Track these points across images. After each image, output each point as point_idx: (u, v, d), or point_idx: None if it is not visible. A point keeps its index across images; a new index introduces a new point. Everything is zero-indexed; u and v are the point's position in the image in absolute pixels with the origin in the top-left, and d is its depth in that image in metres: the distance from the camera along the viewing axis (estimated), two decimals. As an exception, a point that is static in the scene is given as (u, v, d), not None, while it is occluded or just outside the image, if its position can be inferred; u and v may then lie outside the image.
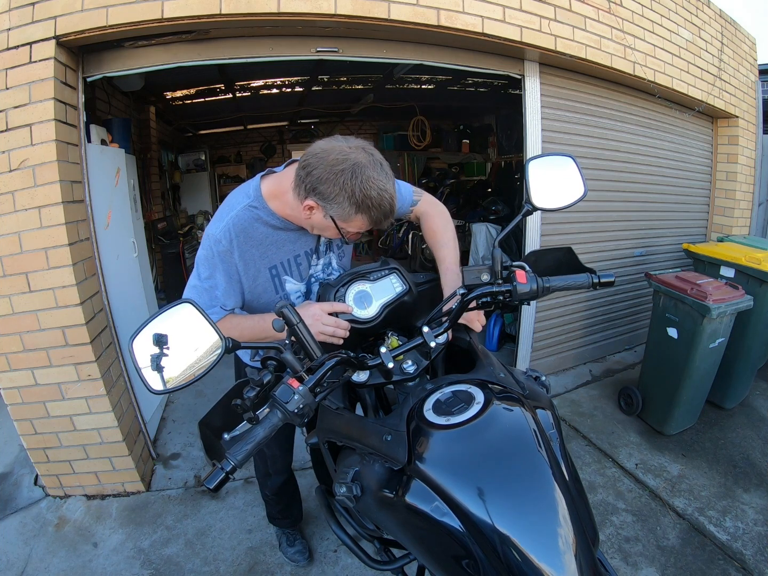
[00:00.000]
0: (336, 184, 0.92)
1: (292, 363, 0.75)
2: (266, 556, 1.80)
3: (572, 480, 0.75)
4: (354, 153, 0.92)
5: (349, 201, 0.92)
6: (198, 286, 1.09)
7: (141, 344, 0.63)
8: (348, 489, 0.83)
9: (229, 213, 1.07)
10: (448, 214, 1.32)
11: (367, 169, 0.92)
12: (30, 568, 1.76)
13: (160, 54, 1.93)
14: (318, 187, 0.94)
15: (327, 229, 1.03)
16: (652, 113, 3.25)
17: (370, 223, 0.98)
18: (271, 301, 1.16)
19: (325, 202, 0.94)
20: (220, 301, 1.09)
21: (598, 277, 0.90)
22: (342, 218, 0.97)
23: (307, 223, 1.06)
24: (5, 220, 1.70)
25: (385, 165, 0.96)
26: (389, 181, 0.95)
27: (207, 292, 1.09)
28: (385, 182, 0.94)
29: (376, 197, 0.92)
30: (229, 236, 1.05)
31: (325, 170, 0.92)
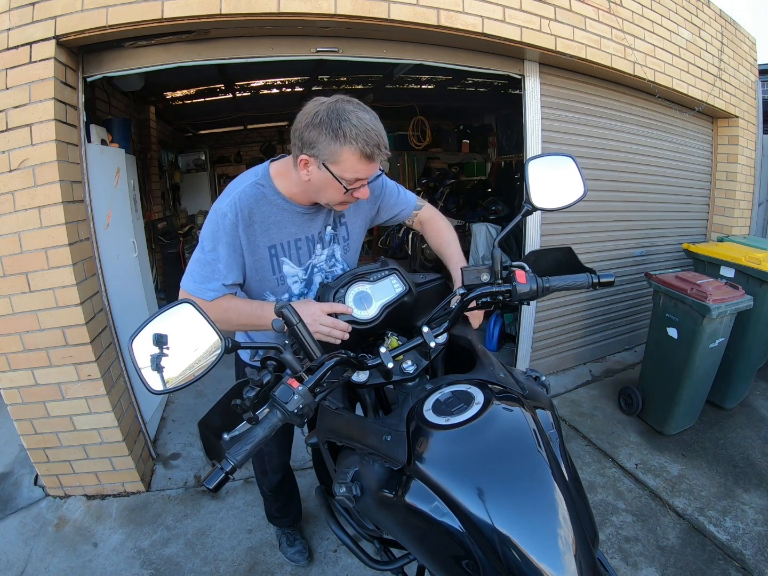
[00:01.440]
0: (316, 126, 0.94)
1: (292, 363, 0.75)
2: (266, 556, 1.80)
3: (572, 480, 0.75)
4: (329, 99, 0.96)
5: (332, 136, 0.93)
6: (201, 259, 1.10)
7: (141, 344, 0.63)
8: (348, 489, 0.83)
9: (236, 189, 1.08)
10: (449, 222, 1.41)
11: (343, 104, 0.94)
12: (30, 568, 1.76)
13: (160, 54, 1.93)
14: (304, 137, 0.96)
15: (327, 185, 1.01)
16: (652, 113, 3.25)
17: (360, 155, 0.95)
18: (267, 280, 1.16)
19: (313, 149, 0.95)
20: (221, 274, 1.09)
21: (597, 277, 0.90)
22: (332, 160, 0.96)
23: (312, 189, 1.06)
24: (5, 220, 1.70)
25: (363, 104, 0.98)
26: (370, 113, 0.96)
27: (209, 265, 1.09)
28: (364, 113, 0.95)
29: (357, 124, 0.92)
30: (235, 210, 1.06)
31: (305, 119, 0.95)
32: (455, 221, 5.57)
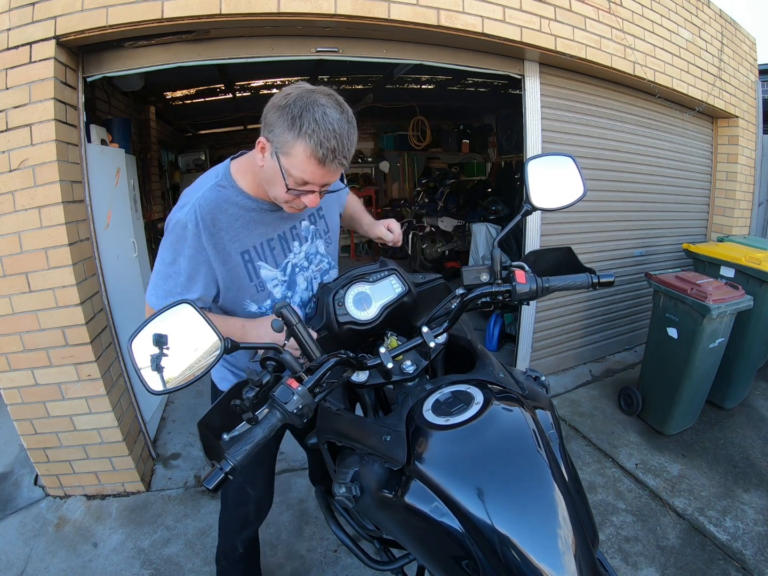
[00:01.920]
0: (279, 108, 0.86)
1: (291, 363, 0.75)
2: (266, 556, 1.79)
3: (572, 480, 0.76)
4: (308, 87, 0.88)
5: (290, 124, 0.84)
6: (161, 272, 1.01)
7: (140, 344, 0.63)
8: (347, 489, 0.83)
9: (195, 194, 0.99)
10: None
11: (319, 95, 0.85)
12: (30, 568, 1.76)
13: (160, 54, 1.93)
14: (267, 117, 0.88)
15: (276, 178, 0.92)
16: (652, 113, 3.25)
17: (311, 155, 0.85)
18: (245, 288, 1.06)
19: (270, 131, 0.88)
20: (180, 288, 1.00)
21: (597, 277, 0.90)
22: (284, 149, 0.87)
23: (264, 178, 0.97)
24: (5, 220, 1.70)
25: (341, 100, 0.89)
26: (344, 114, 0.86)
27: (171, 278, 1.00)
28: (336, 112, 0.85)
29: (319, 120, 0.83)
30: (195, 219, 0.96)
31: (274, 100, 0.88)
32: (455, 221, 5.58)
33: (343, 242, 7.48)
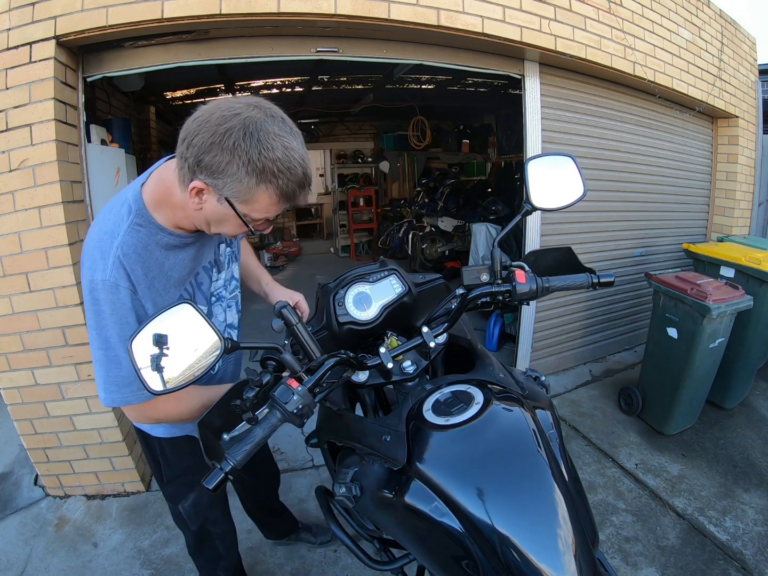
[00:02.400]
0: (226, 149, 0.69)
1: (292, 363, 0.75)
2: (266, 556, 1.80)
3: (572, 480, 0.76)
4: (245, 108, 0.71)
5: (247, 169, 0.70)
6: (115, 359, 0.81)
7: (140, 344, 0.63)
8: (347, 489, 0.83)
9: (111, 243, 0.79)
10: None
11: (265, 123, 0.71)
12: (30, 568, 1.76)
13: (160, 54, 1.93)
14: (203, 159, 0.71)
15: (225, 221, 0.79)
16: (652, 113, 3.25)
17: (279, 198, 0.75)
18: None
19: (215, 178, 0.72)
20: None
21: (597, 277, 0.90)
22: (241, 197, 0.74)
23: (200, 218, 0.82)
24: (5, 220, 1.70)
25: (289, 121, 0.76)
26: (296, 139, 0.74)
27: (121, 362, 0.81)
28: (291, 139, 0.73)
29: (282, 158, 0.71)
30: (125, 273, 0.79)
31: (209, 133, 0.70)
32: (455, 221, 5.58)
33: (343, 242, 7.50)
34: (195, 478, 1.15)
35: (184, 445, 1.13)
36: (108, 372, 0.82)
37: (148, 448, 1.18)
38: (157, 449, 1.16)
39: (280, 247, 7.07)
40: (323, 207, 9.21)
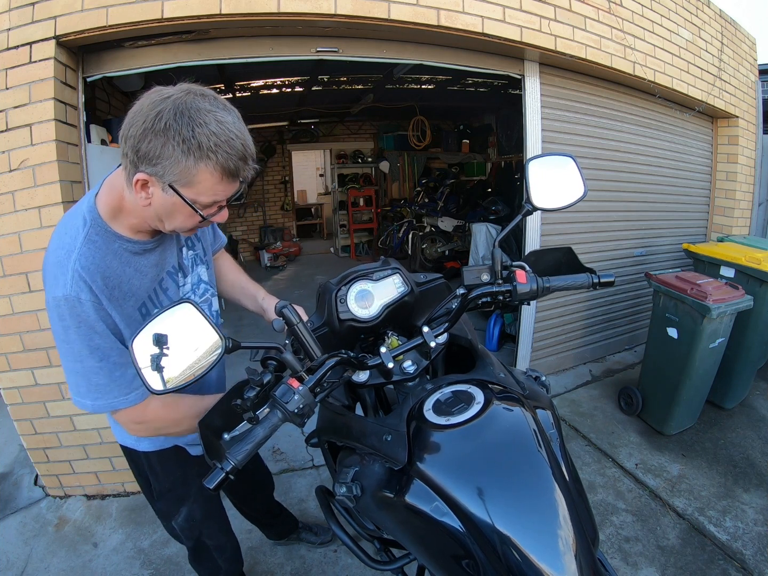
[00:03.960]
0: (159, 134, 0.68)
1: (292, 363, 0.75)
2: (266, 556, 1.80)
3: (572, 480, 0.76)
4: (176, 92, 0.70)
5: (182, 148, 0.68)
6: (92, 368, 0.80)
7: (141, 344, 0.63)
8: (348, 489, 0.83)
9: (69, 258, 0.77)
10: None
11: (195, 101, 0.69)
12: (30, 568, 1.76)
13: (160, 54, 1.93)
14: (140, 148, 0.69)
15: (175, 212, 0.77)
16: (652, 113, 3.25)
17: (222, 175, 0.73)
18: None
19: (154, 164, 0.70)
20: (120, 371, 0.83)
21: (598, 277, 0.90)
22: (183, 180, 0.72)
23: (151, 215, 0.79)
24: (5, 220, 1.70)
25: (221, 99, 0.75)
26: (230, 114, 0.73)
27: (114, 369, 0.81)
28: (225, 114, 0.72)
29: (218, 132, 0.69)
30: (86, 286, 0.77)
31: (141, 121, 0.69)
32: (455, 221, 5.58)
33: (343, 242, 7.50)
34: (186, 490, 1.13)
35: (172, 456, 1.10)
36: (89, 381, 0.82)
37: (135, 465, 1.14)
38: (144, 464, 1.12)
39: (280, 247, 7.07)
40: (323, 207, 9.22)
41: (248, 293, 1.26)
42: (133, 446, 1.09)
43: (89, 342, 0.79)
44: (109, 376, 0.82)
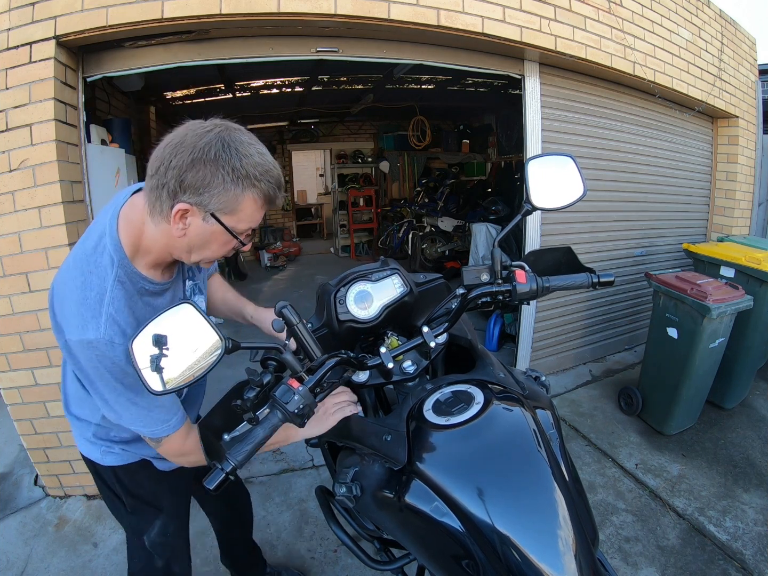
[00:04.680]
0: (209, 162, 0.71)
1: (292, 363, 0.75)
2: (266, 556, 1.79)
3: (572, 480, 0.76)
4: (213, 126, 0.75)
5: (232, 177, 0.72)
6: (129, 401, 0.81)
7: (140, 345, 0.63)
8: (348, 489, 0.83)
9: (101, 301, 0.77)
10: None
11: (236, 134, 0.75)
12: (30, 568, 1.76)
13: (160, 54, 1.93)
14: (186, 178, 0.72)
15: (211, 241, 0.79)
16: (652, 113, 3.25)
17: (263, 202, 0.78)
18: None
19: (200, 194, 0.73)
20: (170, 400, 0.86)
21: (597, 276, 0.90)
22: (228, 208, 0.75)
23: (182, 246, 0.80)
24: (5, 220, 1.70)
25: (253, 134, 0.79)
26: (264, 147, 0.79)
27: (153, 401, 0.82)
28: (261, 146, 0.78)
29: (261, 163, 0.75)
30: (120, 330, 0.77)
31: (187, 152, 0.71)
32: (455, 221, 5.58)
33: (343, 242, 7.50)
34: (158, 503, 1.11)
35: (140, 469, 1.06)
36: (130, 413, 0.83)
37: (102, 481, 1.10)
38: (112, 479, 1.08)
39: (280, 247, 7.07)
40: (323, 207, 9.21)
41: (236, 310, 1.24)
42: (99, 460, 1.05)
43: (123, 380, 0.79)
44: (148, 407, 0.83)
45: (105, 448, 1.03)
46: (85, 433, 1.03)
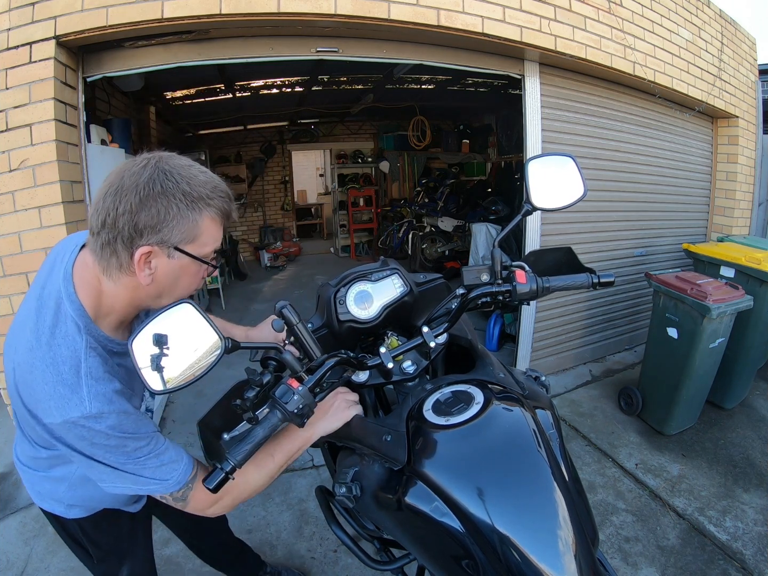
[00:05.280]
0: (158, 197, 0.68)
1: (292, 363, 0.75)
2: (266, 557, 1.79)
3: (572, 480, 0.76)
4: (146, 160, 0.72)
5: (186, 203, 0.69)
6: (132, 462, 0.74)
7: (141, 344, 0.63)
8: (348, 489, 0.83)
9: (77, 374, 0.70)
10: None
11: (172, 160, 0.72)
12: (30, 568, 1.76)
13: (160, 54, 1.93)
14: (139, 220, 0.67)
15: (181, 276, 0.75)
16: (652, 113, 3.25)
17: (222, 218, 0.75)
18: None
19: (159, 231, 0.68)
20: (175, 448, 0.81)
21: (598, 277, 0.90)
22: (190, 236, 0.71)
23: (152, 293, 0.76)
24: (5, 220, 1.70)
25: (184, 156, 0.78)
26: (200, 164, 0.77)
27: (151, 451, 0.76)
28: (198, 165, 0.76)
29: (207, 180, 0.73)
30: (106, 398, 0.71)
31: (132, 194, 0.67)
32: (455, 221, 5.58)
33: (343, 242, 7.50)
34: (123, 547, 1.09)
35: (103, 519, 1.03)
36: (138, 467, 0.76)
37: (67, 533, 1.06)
38: (78, 532, 1.04)
39: (280, 247, 7.07)
40: (323, 207, 9.21)
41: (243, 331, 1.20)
42: (63, 514, 0.99)
43: (124, 449, 0.73)
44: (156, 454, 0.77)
45: (71, 501, 0.97)
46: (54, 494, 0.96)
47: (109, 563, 1.10)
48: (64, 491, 0.95)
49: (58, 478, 0.93)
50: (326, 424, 0.90)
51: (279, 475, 0.91)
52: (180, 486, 0.79)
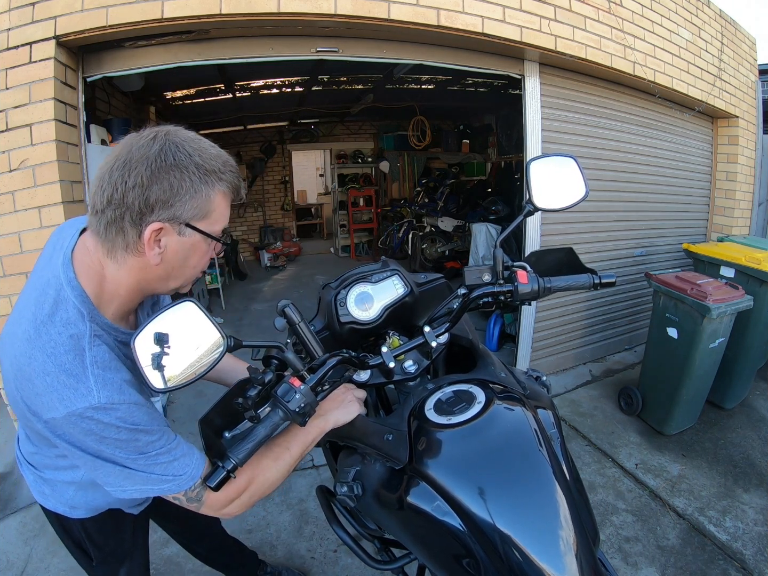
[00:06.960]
0: (171, 169, 0.65)
1: (294, 362, 0.75)
2: (266, 557, 1.79)
3: (573, 480, 0.76)
4: (153, 132, 0.68)
5: (199, 176, 0.67)
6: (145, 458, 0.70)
7: (142, 343, 0.63)
8: (349, 488, 0.83)
9: (81, 361, 0.66)
10: None
11: (182, 132, 0.69)
12: (30, 568, 1.75)
13: (160, 54, 1.93)
14: (150, 194, 0.64)
15: (191, 255, 0.72)
16: (652, 113, 3.25)
17: (232, 193, 0.73)
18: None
19: (171, 206, 0.65)
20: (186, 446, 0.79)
21: (599, 277, 0.90)
22: (202, 212, 0.69)
23: (160, 274, 0.72)
24: (5, 220, 1.70)
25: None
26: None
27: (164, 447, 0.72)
28: (206, 139, 0.73)
29: (218, 154, 0.71)
30: (116, 387, 0.67)
31: (143, 167, 0.64)
32: (455, 221, 5.58)
33: (343, 242, 7.50)
34: (123, 549, 1.09)
35: (107, 520, 1.01)
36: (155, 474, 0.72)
37: (69, 535, 1.03)
38: (81, 533, 1.01)
39: (280, 247, 7.07)
40: (323, 207, 9.21)
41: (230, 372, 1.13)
42: (67, 514, 0.95)
43: (135, 443, 0.69)
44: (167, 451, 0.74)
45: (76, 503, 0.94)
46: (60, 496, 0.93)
47: (108, 565, 1.10)
48: (71, 494, 0.92)
49: (66, 482, 0.91)
50: (340, 414, 0.89)
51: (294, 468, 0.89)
52: (194, 481, 0.75)
